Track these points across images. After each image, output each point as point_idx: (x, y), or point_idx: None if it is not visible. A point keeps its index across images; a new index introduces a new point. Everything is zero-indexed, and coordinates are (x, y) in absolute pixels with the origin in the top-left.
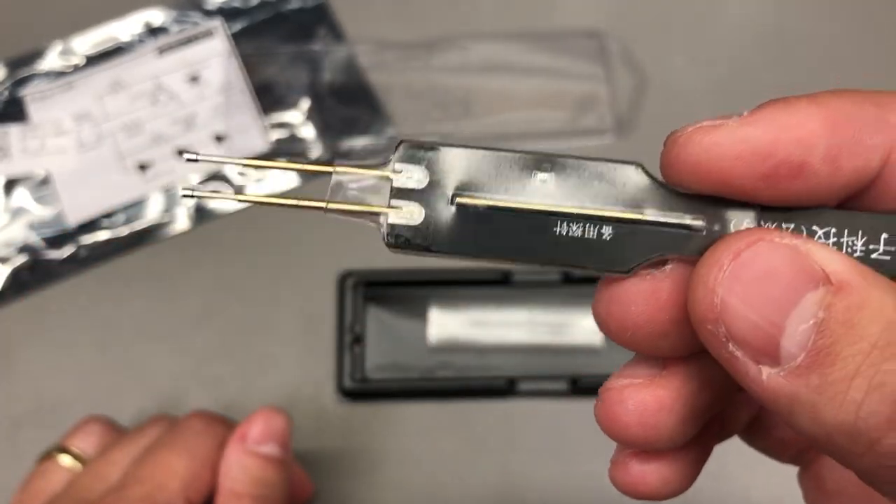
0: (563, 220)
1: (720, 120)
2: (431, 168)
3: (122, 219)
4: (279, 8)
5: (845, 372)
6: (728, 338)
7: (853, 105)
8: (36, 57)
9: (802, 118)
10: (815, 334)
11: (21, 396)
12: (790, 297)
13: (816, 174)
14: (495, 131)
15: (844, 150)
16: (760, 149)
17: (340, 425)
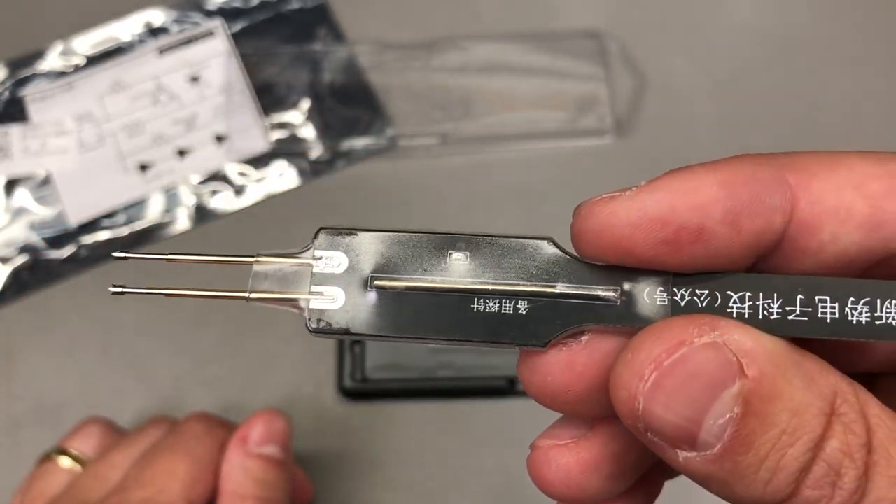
0: (480, 298)
1: (619, 191)
2: (350, 253)
3: (122, 219)
4: (279, 8)
5: (757, 458)
6: (647, 430)
7: (751, 167)
8: (37, 57)
9: (698, 183)
10: (731, 428)
11: (21, 396)
12: (709, 397)
13: (717, 237)
14: (495, 132)
15: (743, 212)
16: (657, 215)
17: (341, 425)
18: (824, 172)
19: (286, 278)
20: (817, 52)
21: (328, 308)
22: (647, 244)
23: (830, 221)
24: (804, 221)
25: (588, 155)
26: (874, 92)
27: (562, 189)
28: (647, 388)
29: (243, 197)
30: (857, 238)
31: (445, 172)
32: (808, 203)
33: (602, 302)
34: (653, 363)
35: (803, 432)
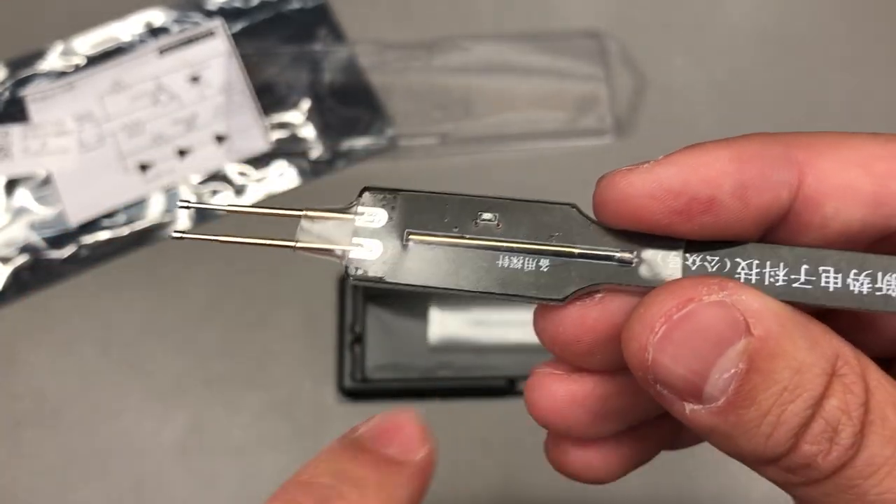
0: (505, 254)
1: (637, 164)
2: (390, 209)
3: (123, 219)
4: (280, 8)
5: (759, 412)
6: (656, 381)
7: (761, 145)
8: (37, 57)
9: (710, 158)
10: (735, 382)
11: (22, 396)
12: (715, 352)
13: (727, 209)
14: (495, 132)
15: (752, 186)
16: (671, 187)
17: (341, 425)
18: (830, 151)
19: (330, 232)
20: (817, 51)
21: (366, 258)
22: (661, 213)
23: (835, 197)
24: (810, 197)
25: (588, 155)
26: (874, 92)
27: (562, 189)
28: (657, 339)
29: (243, 197)
30: (861, 214)
31: (445, 172)
32: (815, 179)
33: (619, 263)
34: (663, 317)
35: (804, 390)
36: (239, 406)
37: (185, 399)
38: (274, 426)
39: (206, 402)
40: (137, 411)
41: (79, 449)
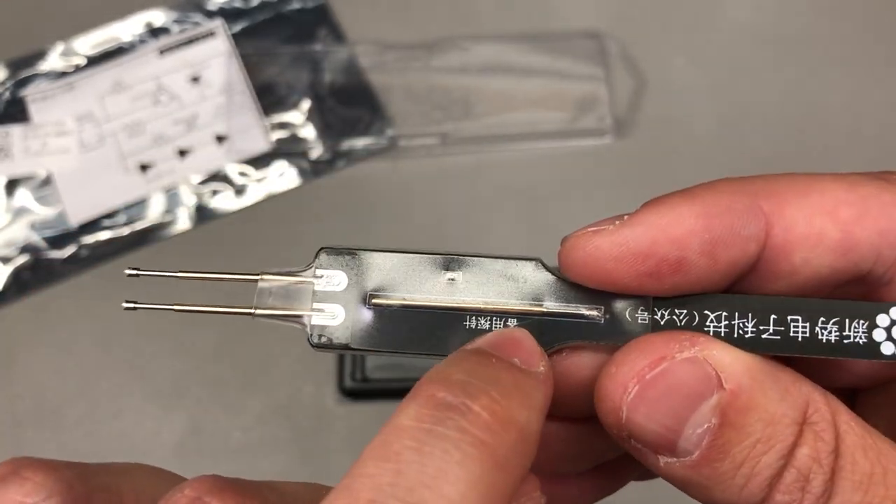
0: (472, 315)
1: (602, 225)
2: (350, 271)
3: (123, 219)
4: (280, 9)
5: (733, 465)
6: (630, 437)
7: (728, 197)
8: (38, 57)
9: (677, 217)
10: (708, 437)
11: (22, 396)
12: (688, 408)
13: (695, 267)
14: (495, 132)
15: (720, 242)
16: (639, 250)
17: (341, 425)
18: (797, 199)
19: (289, 295)
20: (816, 52)
21: (329, 324)
22: (629, 276)
23: (803, 246)
24: (778, 247)
25: (588, 155)
26: (873, 92)
27: (562, 189)
28: (631, 399)
29: (244, 197)
30: (829, 261)
31: (445, 172)
32: (782, 230)
33: (586, 320)
34: (636, 376)
35: (776, 441)
36: (239, 406)
37: (185, 400)
38: (274, 427)
39: (206, 403)
40: (137, 412)
41: (79, 449)
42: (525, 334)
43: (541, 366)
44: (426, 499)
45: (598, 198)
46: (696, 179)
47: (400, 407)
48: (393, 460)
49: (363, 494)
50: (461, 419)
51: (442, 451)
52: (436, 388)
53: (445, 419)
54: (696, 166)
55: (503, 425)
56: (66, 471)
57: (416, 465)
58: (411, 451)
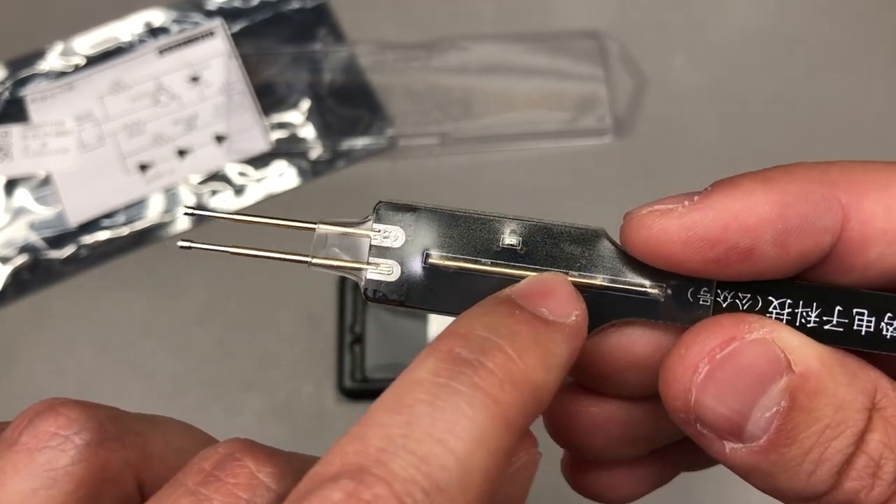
0: None
1: (671, 204)
2: (408, 228)
3: (122, 219)
4: (279, 8)
5: (801, 450)
6: (697, 422)
7: (804, 185)
8: (37, 57)
9: (750, 203)
10: (777, 421)
11: (22, 395)
12: (757, 390)
13: (766, 257)
14: (495, 132)
15: (793, 233)
16: (708, 236)
17: (341, 425)
18: (877, 192)
19: (346, 246)
20: (816, 52)
21: (384, 279)
22: (695, 261)
23: (880, 242)
24: (853, 240)
25: (588, 155)
26: (873, 92)
27: (562, 189)
28: (700, 379)
29: (243, 197)
30: None
31: (445, 172)
32: (859, 223)
33: (646, 297)
34: (706, 356)
35: (846, 426)
36: (239, 406)
37: (184, 400)
38: (274, 426)
39: (206, 403)
40: (137, 411)
41: None
42: (560, 280)
43: (573, 315)
44: (435, 452)
45: (598, 198)
46: (696, 179)
47: (419, 358)
48: (405, 413)
49: (374, 442)
50: (474, 375)
51: (453, 406)
52: (454, 342)
53: (459, 374)
54: (695, 166)
55: (516, 384)
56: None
57: (427, 419)
58: (424, 405)
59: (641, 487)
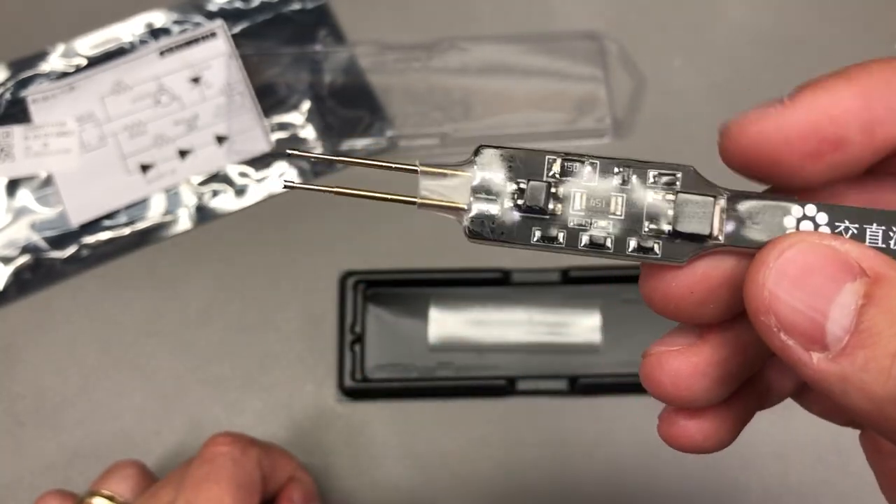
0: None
1: (764, 108)
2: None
3: (123, 219)
4: (280, 9)
5: (888, 349)
6: (779, 327)
7: (882, 77)
8: (38, 58)
9: (837, 98)
10: (856, 318)
11: (23, 395)
12: (832, 288)
13: (854, 146)
14: (495, 133)
15: (878, 121)
16: (803, 131)
17: (341, 424)
18: None
19: (449, 188)
20: (815, 53)
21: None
22: (793, 157)
23: None
24: None
25: None
26: None
27: None
28: (772, 273)
29: (244, 197)
30: None
31: None
32: None
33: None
34: (777, 253)
35: None
36: (239, 406)
37: (185, 399)
38: (275, 426)
39: (207, 402)
40: (138, 411)
41: (80, 449)
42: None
43: None
44: None
45: None
46: None
47: None
48: None
49: None
50: None
51: None
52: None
53: None
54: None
55: None
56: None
57: None
58: None
59: (732, 430)
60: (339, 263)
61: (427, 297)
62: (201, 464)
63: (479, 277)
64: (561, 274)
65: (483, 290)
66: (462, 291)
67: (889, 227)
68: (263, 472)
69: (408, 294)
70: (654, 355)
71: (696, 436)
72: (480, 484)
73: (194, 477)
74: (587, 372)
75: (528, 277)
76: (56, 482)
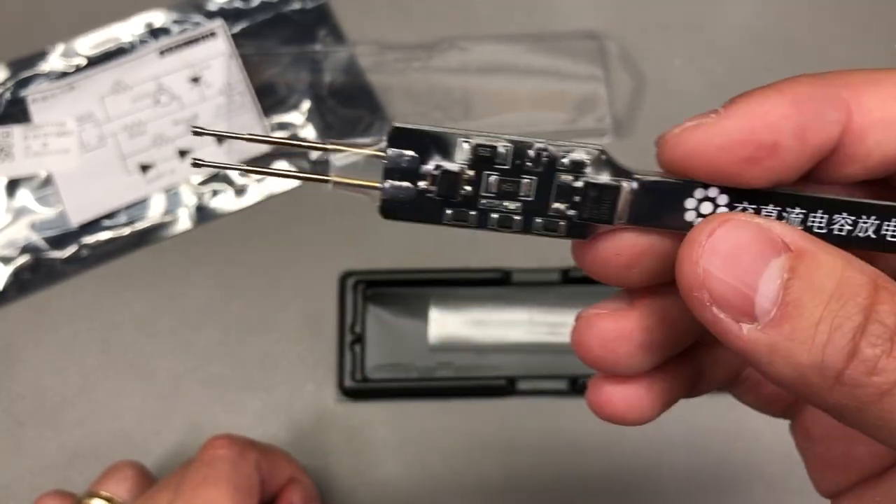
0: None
1: (700, 119)
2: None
3: (123, 219)
4: (280, 9)
5: (811, 320)
6: (711, 301)
7: (811, 88)
8: (38, 58)
9: (770, 106)
10: (783, 291)
11: (23, 395)
12: (759, 263)
13: (789, 151)
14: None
15: (809, 127)
16: (740, 137)
17: (341, 424)
18: (871, 87)
19: (362, 167)
20: (815, 52)
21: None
22: (731, 162)
23: (877, 130)
24: (855, 131)
25: None
26: None
27: None
28: (705, 251)
29: (244, 197)
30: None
31: None
32: (859, 115)
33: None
34: (708, 232)
35: (850, 297)
36: (239, 406)
37: (185, 400)
38: (275, 426)
39: (207, 403)
40: (138, 412)
41: (79, 449)
42: None
43: None
44: None
45: None
46: None
47: None
48: None
49: None
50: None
51: None
52: None
53: None
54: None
55: None
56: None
57: None
58: None
59: (655, 404)
60: (339, 263)
61: (427, 297)
62: (200, 466)
63: (479, 277)
64: (561, 274)
65: (483, 290)
66: (462, 291)
67: (783, 208)
68: (262, 474)
69: (408, 294)
70: (585, 317)
71: (619, 404)
72: (480, 484)
73: (192, 480)
74: (587, 372)
75: (528, 277)
76: (55, 482)
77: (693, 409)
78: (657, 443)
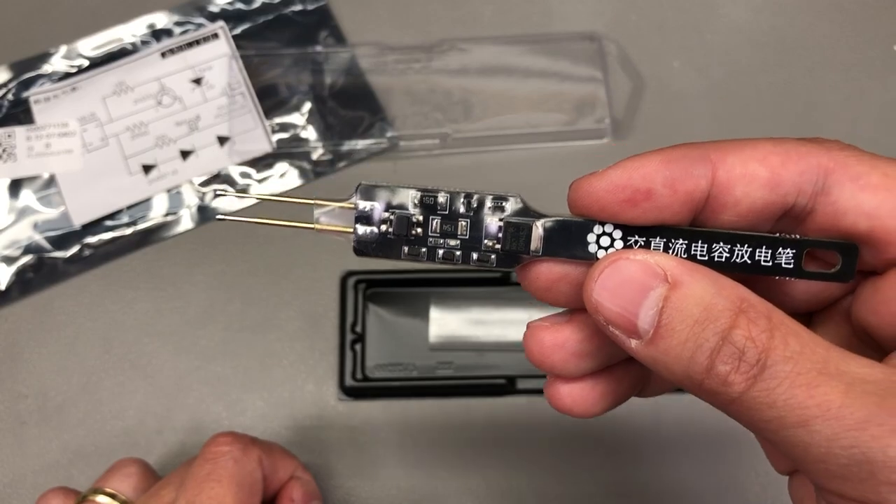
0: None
1: (595, 172)
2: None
3: (126, 219)
4: (281, 11)
5: (679, 339)
6: (607, 322)
7: (684, 150)
8: (41, 59)
9: (646, 161)
10: (658, 317)
11: (26, 394)
12: (640, 294)
13: (661, 196)
14: (495, 133)
15: (677, 178)
16: (619, 183)
17: (342, 423)
18: (736, 150)
19: (339, 216)
20: (813, 53)
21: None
22: (614, 203)
23: (741, 183)
24: (722, 184)
25: (586, 156)
26: (869, 93)
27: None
28: (596, 286)
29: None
30: (762, 194)
31: (445, 173)
32: (724, 171)
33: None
34: (599, 270)
35: (711, 322)
36: (241, 405)
37: (187, 399)
38: (276, 425)
39: (209, 402)
40: (140, 411)
41: (82, 447)
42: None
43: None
44: None
45: None
46: None
47: None
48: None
49: None
50: None
51: None
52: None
53: None
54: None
55: None
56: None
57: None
58: None
59: (601, 400)
60: (340, 264)
61: (427, 297)
62: (203, 463)
63: (479, 277)
64: None
65: (483, 290)
66: (462, 291)
67: (669, 240)
68: (264, 471)
69: (408, 294)
70: (530, 327)
71: (566, 399)
72: (480, 482)
73: (196, 476)
74: None
75: None
76: (58, 481)
77: (692, 408)
78: (657, 442)
